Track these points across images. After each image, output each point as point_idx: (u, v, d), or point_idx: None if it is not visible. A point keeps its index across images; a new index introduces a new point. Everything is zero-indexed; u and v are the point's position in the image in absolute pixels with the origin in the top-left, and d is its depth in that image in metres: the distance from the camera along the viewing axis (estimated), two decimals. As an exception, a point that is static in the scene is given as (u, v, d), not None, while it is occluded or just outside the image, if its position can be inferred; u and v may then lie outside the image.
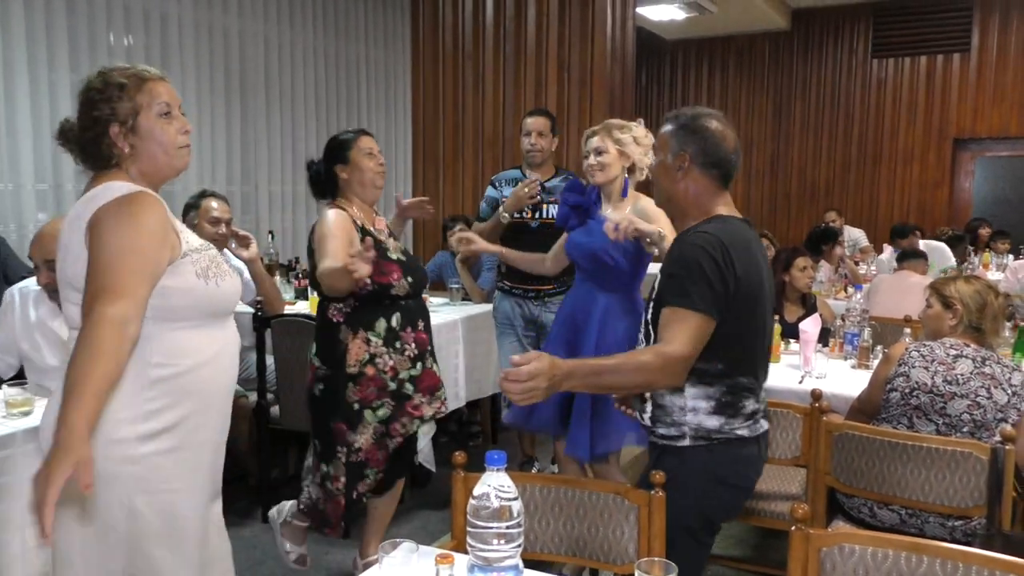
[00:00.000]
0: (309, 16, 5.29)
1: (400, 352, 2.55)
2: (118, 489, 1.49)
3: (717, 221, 1.75)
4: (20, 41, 3.77)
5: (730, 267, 1.66)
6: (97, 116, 1.53)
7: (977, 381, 2.24)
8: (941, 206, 8.52)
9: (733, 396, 1.75)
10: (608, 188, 2.77)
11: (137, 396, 1.49)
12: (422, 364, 2.62)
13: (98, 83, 1.55)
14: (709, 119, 1.79)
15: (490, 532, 1.21)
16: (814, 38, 9.01)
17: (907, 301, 4.14)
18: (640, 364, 1.66)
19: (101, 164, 1.56)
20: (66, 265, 1.51)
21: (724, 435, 1.75)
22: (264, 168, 5.07)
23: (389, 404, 2.55)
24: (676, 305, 1.67)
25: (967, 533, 2.21)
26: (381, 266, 2.44)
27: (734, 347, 1.72)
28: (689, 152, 1.76)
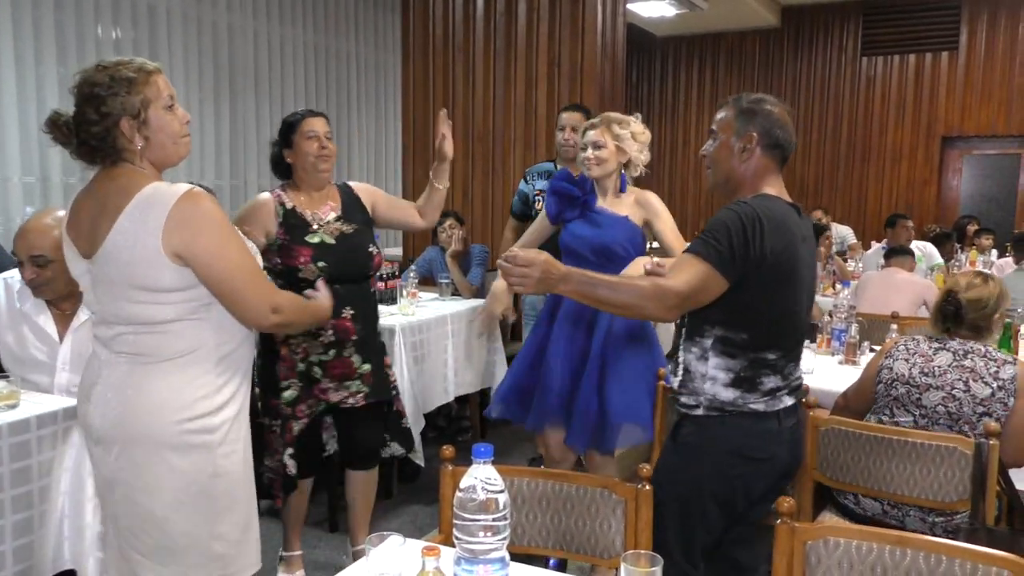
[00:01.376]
0: (299, 11, 5.28)
1: (314, 336, 2.55)
2: (201, 457, 1.67)
3: (761, 198, 1.81)
4: (7, 34, 3.75)
5: (757, 238, 1.71)
6: (107, 111, 1.58)
7: (954, 374, 2.26)
8: (929, 204, 8.58)
9: (753, 371, 1.80)
10: (604, 182, 2.76)
11: (210, 374, 1.68)
12: (337, 352, 2.58)
13: (104, 78, 1.59)
14: (771, 103, 1.87)
15: (476, 524, 1.21)
16: (804, 36, 9.05)
17: (894, 297, 4.17)
18: (635, 286, 1.76)
19: (108, 157, 1.63)
20: (133, 270, 1.60)
21: (737, 408, 1.81)
22: (253, 163, 5.06)
23: (296, 385, 2.58)
24: (690, 251, 1.77)
25: (947, 529, 2.23)
26: (291, 249, 2.52)
27: (760, 320, 1.79)
28: (756, 132, 1.83)
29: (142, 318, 1.63)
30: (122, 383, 1.67)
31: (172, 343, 1.65)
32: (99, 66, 1.62)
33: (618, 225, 2.71)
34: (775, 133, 1.83)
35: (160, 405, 1.64)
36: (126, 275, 1.61)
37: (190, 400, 1.66)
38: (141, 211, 1.58)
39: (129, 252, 1.59)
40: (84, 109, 1.59)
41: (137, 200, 1.58)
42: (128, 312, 1.64)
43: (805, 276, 1.84)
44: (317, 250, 2.54)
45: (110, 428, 1.67)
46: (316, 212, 2.61)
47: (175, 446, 1.65)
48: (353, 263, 2.62)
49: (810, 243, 1.89)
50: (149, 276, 1.59)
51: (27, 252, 2.31)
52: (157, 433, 1.64)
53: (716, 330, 1.80)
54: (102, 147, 1.61)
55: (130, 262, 1.59)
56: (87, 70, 1.62)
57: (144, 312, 1.62)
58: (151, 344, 1.65)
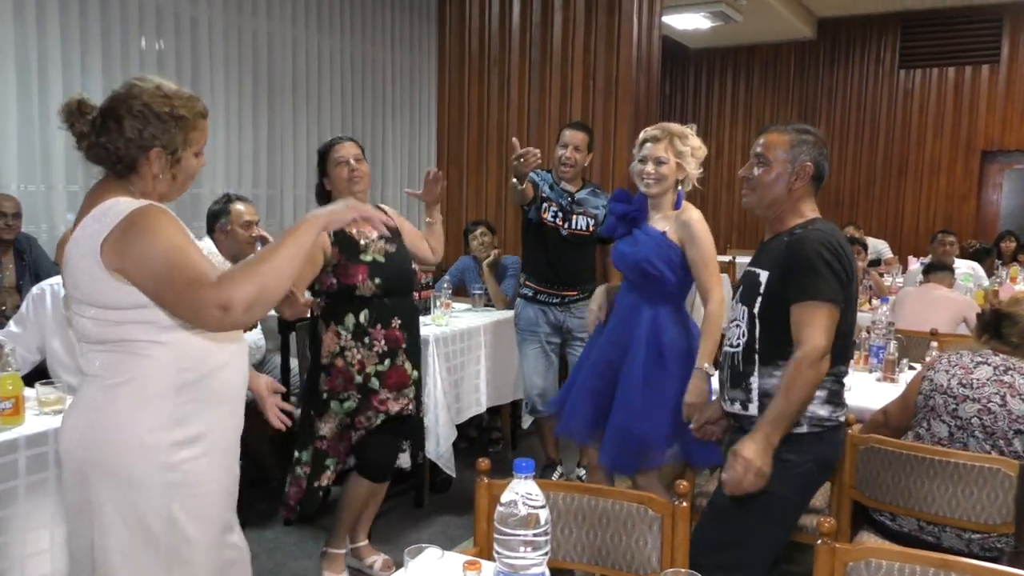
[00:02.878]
0: (336, 20, 5.34)
1: (368, 347, 2.65)
2: (155, 498, 1.52)
3: (820, 222, 1.96)
4: (55, 44, 3.84)
5: (845, 262, 1.87)
6: (148, 136, 1.54)
7: (992, 388, 2.23)
8: (968, 219, 8.43)
9: (838, 386, 1.96)
10: (660, 200, 2.66)
11: (167, 402, 1.53)
12: (391, 361, 2.69)
13: (163, 108, 1.55)
14: (816, 133, 2.01)
15: (517, 540, 1.21)
16: (840, 48, 8.95)
17: (933, 314, 4.10)
18: (793, 380, 1.83)
19: (112, 167, 1.57)
20: (79, 283, 1.51)
21: (832, 422, 1.95)
22: (290, 171, 5.11)
23: (355, 397, 2.66)
24: (805, 299, 1.84)
25: (984, 547, 2.19)
26: (347, 268, 2.61)
27: (840, 339, 1.90)
28: (811, 163, 1.97)
29: (97, 336, 1.53)
30: (85, 405, 1.56)
31: (129, 364, 1.52)
32: (159, 91, 1.57)
33: (652, 242, 2.63)
34: (823, 164, 1.97)
35: (116, 430, 1.51)
36: (74, 290, 1.53)
37: (144, 429, 1.51)
38: (94, 222, 1.49)
39: (76, 265, 1.51)
40: (125, 122, 1.53)
41: (94, 212, 1.51)
42: (81, 328, 1.55)
43: (857, 294, 2.00)
44: (372, 268, 2.64)
45: (70, 451, 1.57)
46: (362, 231, 2.68)
47: (127, 478, 1.51)
48: (403, 278, 2.76)
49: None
50: (95, 291, 1.49)
51: None
52: (110, 460, 1.51)
53: None
54: (120, 162, 1.56)
55: (75, 275, 1.52)
56: (144, 86, 1.57)
57: (97, 330, 1.52)
58: (110, 364, 1.53)
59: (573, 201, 3.62)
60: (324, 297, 2.65)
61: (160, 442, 1.52)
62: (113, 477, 1.51)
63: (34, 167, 3.84)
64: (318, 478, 2.70)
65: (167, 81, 1.61)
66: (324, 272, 2.61)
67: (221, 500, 1.64)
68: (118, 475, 1.51)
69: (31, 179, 3.85)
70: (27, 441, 1.96)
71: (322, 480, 2.70)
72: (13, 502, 1.96)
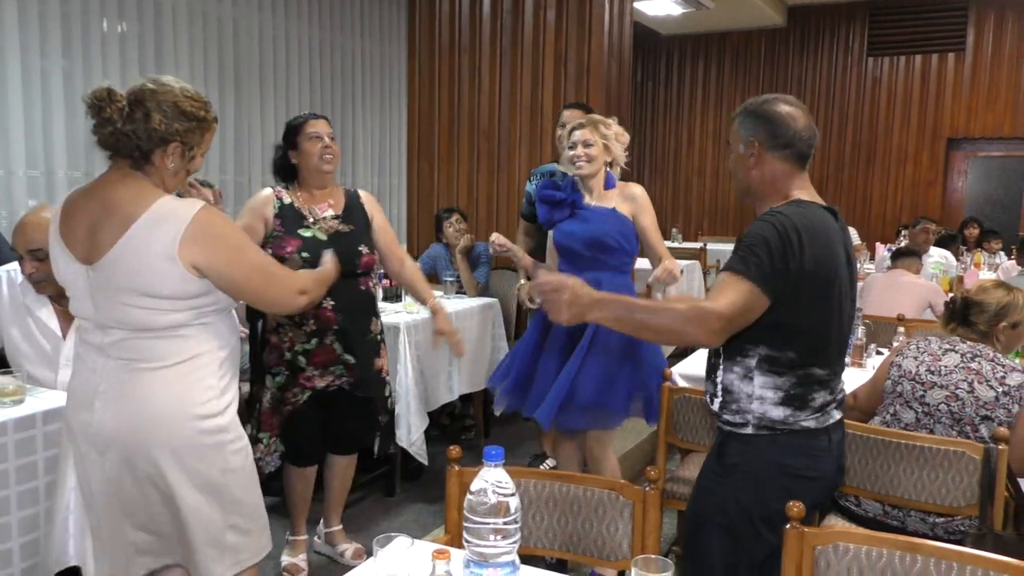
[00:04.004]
0: (304, 7, 5.26)
1: (298, 326, 2.65)
2: (215, 456, 1.75)
3: (795, 204, 1.72)
4: (12, 27, 3.73)
5: (796, 250, 1.63)
6: (173, 130, 1.69)
7: (960, 375, 2.26)
8: (934, 205, 8.56)
9: (803, 388, 1.72)
10: (590, 181, 2.85)
11: (215, 376, 1.76)
12: (319, 341, 2.66)
13: (189, 107, 1.71)
14: (774, 103, 1.77)
15: (487, 528, 1.20)
16: (810, 35, 9.02)
17: (899, 300, 4.16)
18: (675, 309, 1.65)
19: (130, 159, 1.69)
20: (142, 276, 1.66)
21: (788, 426, 1.72)
22: (258, 159, 5.04)
23: (284, 372, 2.67)
24: (730, 270, 1.66)
25: (948, 531, 2.23)
26: (282, 239, 2.60)
27: (806, 335, 1.70)
28: (758, 138, 1.75)
29: (148, 324, 1.69)
30: (127, 390, 1.70)
31: (180, 347, 1.71)
32: (186, 92, 1.73)
33: (606, 218, 2.82)
34: (778, 132, 1.74)
35: (174, 410, 1.70)
36: (135, 282, 1.66)
37: (201, 402, 1.73)
38: (156, 222, 1.65)
39: (139, 260, 1.64)
40: (153, 114, 1.66)
41: (152, 211, 1.65)
42: (132, 317, 1.68)
43: (845, 284, 1.75)
44: (305, 243, 2.61)
45: (124, 436, 1.70)
46: (313, 208, 2.68)
47: (192, 448, 1.72)
48: (346, 258, 2.60)
49: (849, 248, 1.79)
50: (160, 284, 1.66)
51: (25, 246, 2.30)
52: (175, 438, 1.70)
53: (760, 349, 1.71)
54: (137, 149, 1.67)
55: (139, 270, 1.65)
56: (177, 87, 1.72)
57: (149, 318, 1.68)
58: (155, 349, 1.70)
59: None
60: None
61: (214, 410, 1.75)
62: (178, 451, 1.71)
63: (-8, 153, 3.75)
64: (255, 445, 2.66)
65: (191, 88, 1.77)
66: (266, 240, 2.61)
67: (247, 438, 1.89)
68: (182, 448, 1.71)
69: (-11, 165, 3.76)
70: (-15, 434, 1.91)
71: (258, 451, 2.66)
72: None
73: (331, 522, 3.02)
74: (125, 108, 1.66)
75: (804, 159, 1.78)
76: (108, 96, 1.66)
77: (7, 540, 1.96)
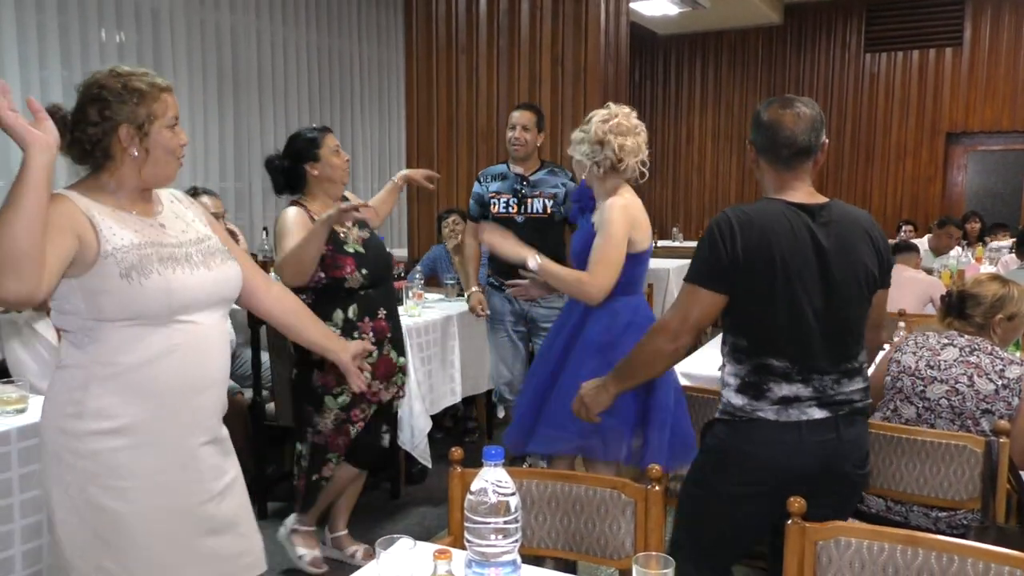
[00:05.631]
0: (302, 11, 5.28)
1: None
2: (74, 479, 1.55)
3: (759, 202, 1.83)
4: (11, 38, 3.75)
5: (728, 242, 1.72)
6: (109, 115, 1.56)
7: (959, 369, 2.26)
8: (934, 201, 8.56)
9: (758, 377, 1.77)
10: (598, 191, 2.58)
11: (82, 392, 1.54)
12: (379, 352, 2.70)
13: (116, 84, 1.57)
14: (765, 109, 1.84)
15: (488, 527, 1.21)
16: (807, 33, 9.02)
17: (900, 294, 4.16)
18: (644, 341, 1.90)
19: (91, 162, 1.60)
20: None
21: (745, 414, 1.79)
22: (257, 164, 5.05)
23: (348, 391, 2.66)
24: (684, 279, 1.83)
25: (951, 525, 2.23)
26: (335, 260, 2.61)
27: (757, 325, 1.77)
28: (754, 143, 1.86)
29: (58, 323, 1.61)
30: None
31: (67, 352, 1.59)
32: (113, 72, 1.61)
33: (582, 234, 2.59)
34: (767, 136, 1.80)
35: (48, 409, 1.60)
36: None
37: (62, 414, 1.56)
38: None
39: None
40: (87, 109, 1.57)
41: None
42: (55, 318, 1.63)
43: (808, 278, 1.74)
44: (357, 259, 2.65)
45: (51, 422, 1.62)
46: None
47: (52, 453, 1.57)
48: (384, 266, 2.78)
49: (832, 246, 1.76)
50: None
51: None
52: (44, 437, 1.60)
53: (728, 336, 1.83)
54: (94, 150, 1.58)
55: None
56: (100, 73, 1.62)
57: (57, 319, 1.60)
58: (62, 349, 1.62)
59: (527, 184, 3.61)
60: (310, 293, 2.61)
61: (75, 429, 1.54)
62: (47, 453, 1.58)
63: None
64: (318, 471, 2.75)
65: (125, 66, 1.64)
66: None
67: (160, 498, 1.59)
68: (49, 451, 1.58)
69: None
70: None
71: (323, 472, 2.76)
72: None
73: (338, 527, 3.03)
74: (67, 116, 1.57)
75: (791, 163, 1.81)
76: (52, 113, 1.49)
77: (10, 547, 1.97)
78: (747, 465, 1.79)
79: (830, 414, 1.79)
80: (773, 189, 1.83)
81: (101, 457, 1.54)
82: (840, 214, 1.82)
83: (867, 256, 1.80)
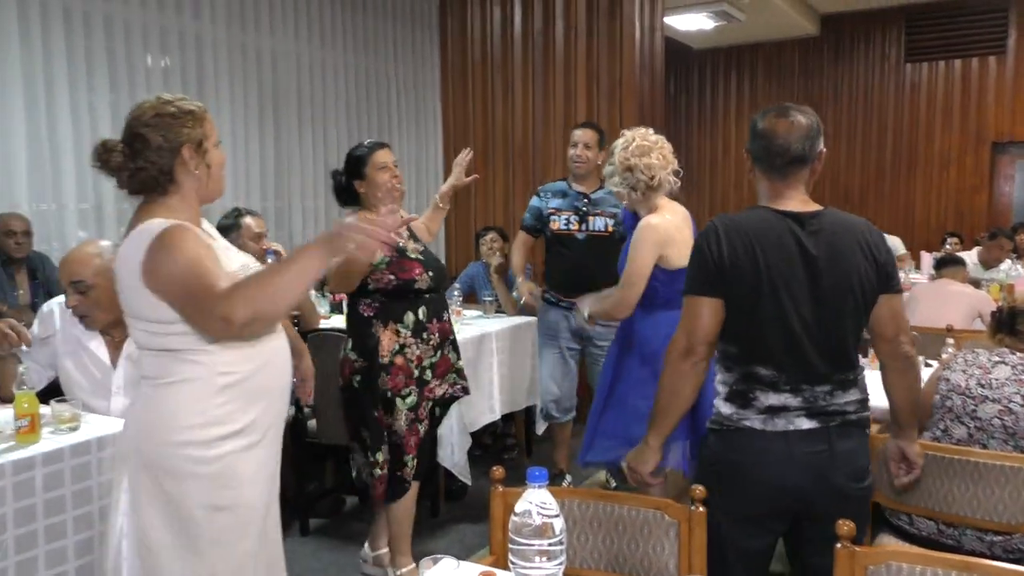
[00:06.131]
0: (339, 34, 5.36)
1: (426, 342, 2.77)
2: (195, 489, 1.64)
3: (745, 211, 1.85)
4: (61, 62, 3.86)
5: (713, 249, 1.76)
6: (173, 138, 1.67)
7: (1012, 387, 2.21)
8: (980, 211, 8.36)
9: (745, 385, 1.78)
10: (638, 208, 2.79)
11: (209, 403, 1.65)
12: (441, 352, 2.82)
13: (171, 109, 1.69)
14: (762, 118, 1.85)
15: (532, 549, 1.21)
16: (844, 44, 8.91)
17: (947, 310, 4.07)
18: (665, 366, 1.85)
19: (161, 186, 1.69)
20: (127, 300, 1.68)
21: (732, 423, 1.79)
22: (297, 183, 5.13)
23: (414, 391, 2.75)
24: (682, 294, 1.85)
25: (1007, 549, 2.16)
26: (402, 264, 2.72)
27: (744, 332, 1.78)
28: (751, 153, 1.88)
29: (147, 343, 1.69)
30: (139, 403, 1.73)
31: (176, 368, 1.65)
32: (160, 99, 1.71)
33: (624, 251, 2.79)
34: (761, 144, 1.82)
35: (161, 425, 1.65)
36: (128, 305, 1.69)
37: (184, 426, 1.64)
38: (131, 245, 1.64)
39: (123, 284, 1.67)
40: (149, 136, 1.66)
41: (132, 234, 1.66)
42: (138, 338, 1.71)
43: (796, 286, 1.73)
44: (423, 263, 2.77)
45: (124, 447, 1.73)
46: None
47: (167, 470, 1.64)
48: (442, 272, 2.90)
49: (821, 255, 1.74)
50: (140, 307, 1.65)
51: (68, 278, 2.36)
52: (153, 453, 1.65)
53: (719, 344, 1.83)
54: (160, 175, 1.68)
55: (125, 293, 1.68)
56: (148, 102, 1.71)
57: (147, 339, 1.68)
58: (160, 366, 1.68)
59: (588, 202, 3.63)
60: (379, 296, 2.72)
61: (201, 438, 1.64)
62: (154, 468, 1.64)
63: (44, 186, 3.87)
64: (400, 470, 2.80)
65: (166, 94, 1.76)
66: (377, 269, 2.68)
67: (263, 486, 1.75)
68: (159, 466, 1.64)
69: (42, 198, 3.88)
70: (43, 459, 1.97)
71: (404, 473, 2.80)
72: (32, 520, 1.97)
73: (381, 545, 3.00)
74: (125, 149, 1.67)
75: (784, 172, 1.81)
76: (104, 147, 1.67)
77: (64, 563, 2.00)
78: (738, 479, 1.78)
79: (820, 425, 1.77)
80: (767, 197, 1.84)
81: (226, 460, 1.66)
82: (832, 222, 1.80)
83: (861, 264, 1.78)
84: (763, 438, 1.76)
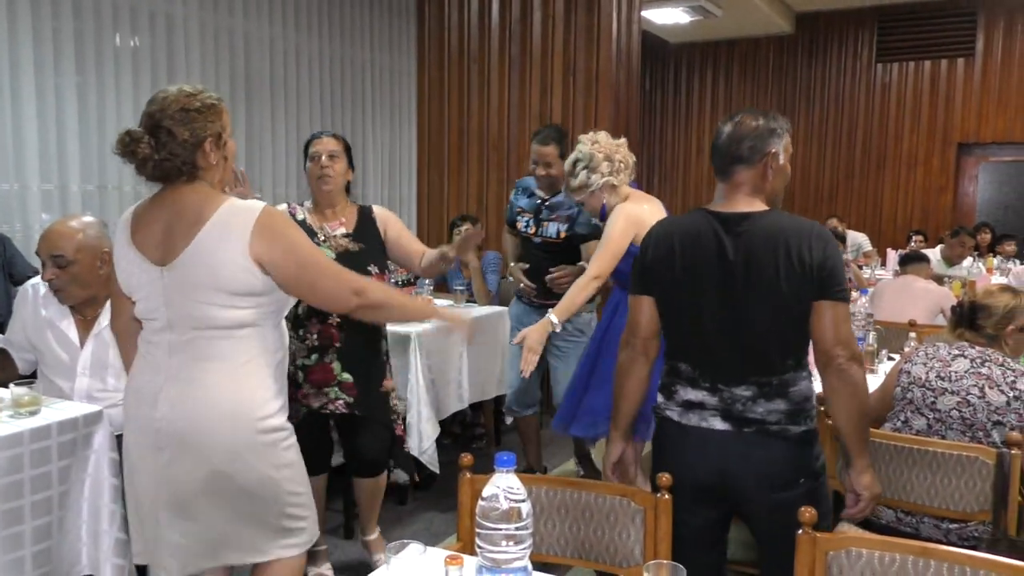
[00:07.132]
0: (315, 19, 5.30)
1: (301, 340, 2.68)
2: (272, 454, 1.82)
3: (684, 214, 1.95)
4: (27, 42, 3.78)
5: (644, 251, 1.92)
6: (198, 130, 1.77)
7: (970, 380, 2.25)
8: (945, 211, 8.52)
9: (669, 379, 1.91)
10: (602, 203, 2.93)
11: (270, 378, 1.84)
12: (319, 357, 2.68)
13: (195, 103, 1.78)
14: (724, 122, 1.91)
15: (499, 534, 1.21)
16: (818, 42, 9.01)
17: (911, 305, 4.14)
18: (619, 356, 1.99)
19: (184, 175, 1.78)
20: (218, 272, 1.75)
21: (659, 411, 1.92)
22: (268, 171, 5.08)
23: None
24: None
25: (962, 536, 2.21)
26: None
27: (668, 329, 1.91)
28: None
29: (217, 321, 1.76)
30: (191, 388, 1.77)
31: (241, 348, 1.79)
32: (183, 92, 1.79)
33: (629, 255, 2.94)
34: (712, 146, 1.93)
35: (236, 409, 1.77)
36: (210, 278, 1.74)
37: (260, 402, 1.81)
38: (225, 222, 1.75)
39: (214, 258, 1.74)
40: (175, 129, 1.74)
41: (221, 212, 1.76)
42: (205, 315, 1.76)
43: (709, 290, 1.78)
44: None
45: (185, 432, 1.76)
46: (324, 226, 2.72)
47: (250, 447, 1.78)
48: None
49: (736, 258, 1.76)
50: (234, 279, 1.75)
51: (48, 252, 2.34)
52: (235, 437, 1.77)
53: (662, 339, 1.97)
54: (183, 166, 1.77)
55: (214, 266, 1.74)
56: (172, 95, 1.78)
57: (220, 315, 1.76)
58: (223, 349, 1.78)
59: (545, 207, 3.57)
60: None
61: (271, 411, 1.82)
62: (239, 448, 1.77)
63: (7, 165, 3.78)
64: None
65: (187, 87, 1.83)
66: None
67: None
68: (243, 445, 1.77)
69: (3, 177, 3.79)
70: (2, 443, 1.93)
71: None
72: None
73: (366, 531, 3.03)
74: (151, 139, 1.74)
75: (724, 172, 1.86)
76: (130, 138, 1.74)
77: (20, 548, 1.97)
78: (667, 461, 1.87)
79: (733, 428, 1.78)
80: (717, 197, 1.89)
81: (286, 422, 1.87)
82: (763, 226, 1.76)
83: (782, 268, 1.71)
84: (680, 430, 1.86)
